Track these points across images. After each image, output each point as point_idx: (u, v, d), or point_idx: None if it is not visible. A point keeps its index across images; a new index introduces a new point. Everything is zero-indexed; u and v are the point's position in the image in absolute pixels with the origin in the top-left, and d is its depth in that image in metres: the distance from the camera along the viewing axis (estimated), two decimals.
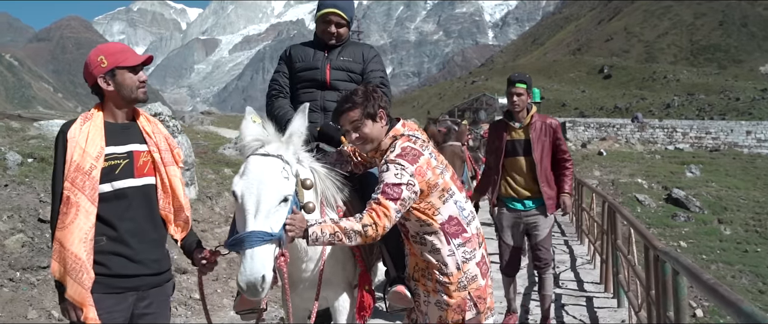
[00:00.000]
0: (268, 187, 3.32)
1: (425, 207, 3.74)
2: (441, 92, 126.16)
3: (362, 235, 3.52)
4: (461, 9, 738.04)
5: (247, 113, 3.68)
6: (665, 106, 74.47)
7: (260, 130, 3.56)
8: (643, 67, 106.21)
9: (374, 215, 3.55)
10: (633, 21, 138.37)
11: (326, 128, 4.72)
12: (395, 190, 3.55)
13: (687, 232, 21.42)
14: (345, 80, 5.02)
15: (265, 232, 3.22)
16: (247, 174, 3.39)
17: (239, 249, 3.21)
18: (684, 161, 31.38)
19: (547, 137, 6.54)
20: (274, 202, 3.31)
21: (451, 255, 3.80)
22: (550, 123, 6.60)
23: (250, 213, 3.27)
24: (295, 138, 3.65)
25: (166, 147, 3.64)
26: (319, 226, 3.47)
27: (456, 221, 3.82)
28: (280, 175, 3.39)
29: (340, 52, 5.12)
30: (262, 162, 3.43)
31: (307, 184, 3.75)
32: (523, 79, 6.49)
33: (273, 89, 5.17)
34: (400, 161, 3.63)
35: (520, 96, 6.47)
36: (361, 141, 3.83)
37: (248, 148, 3.53)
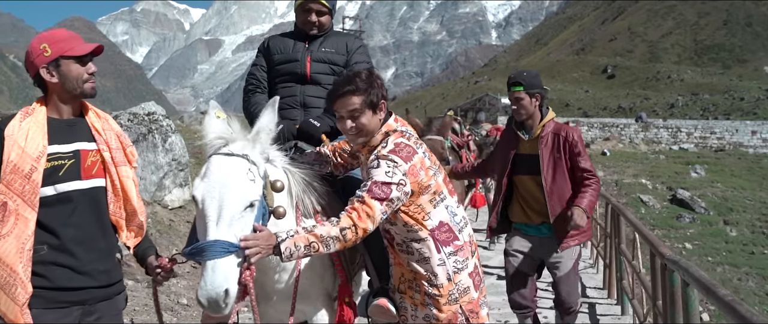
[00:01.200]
0: (231, 191, 2.97)
1: (415, 210, 3.42)
2: (444, 92, 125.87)
3: (341, 240, 3.18)
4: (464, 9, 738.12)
5: (210, 108, 3.32)
6: (669, 106, 74.09)
7: (224, 127, 3.20)
8: (647, 67, 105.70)
9: (354, 216, 3.20)
10: (636, 21, 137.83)
11: (305, 126, 4.38)
12: (384, 190, 3.23)
13: (692, 234, 21.09)
14: (327, 73, 4.65)
15: (228, 242, 2.88)
16: (208, 176, 3.03)
17: (199, 259, 2.87)
18: (688, 161, 31.07)
19: (562, 154, 5.23)
20: (238, 207, 2.96)
21: (442, 265, 3.47)
22: (566, 135, 5.26)
23: (211, 220, 2.93)
24: (262, 135, 3.28)
25: (117, 145, 3.28)
26: (292, 240, 3.10)
27: (447, 228, 3.51)
28: (246, 177, 3.05)
29: (322, 42, 4.74)
30: (225, 162, 3.08)
31: (278, 186, 3.39)
32: (519, 80, 5.31)
33: (250, 84, 4.81)
34: (393, 158, 3.33)
35: (521, 101, 5.28)
36: (355, 132, 3.48)
37: (210, 147, 3.18)
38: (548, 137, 5.30)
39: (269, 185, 3.34)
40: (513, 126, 5.52)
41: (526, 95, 5.29)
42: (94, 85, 3.22)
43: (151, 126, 13.58)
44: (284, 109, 4.57)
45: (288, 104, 4.60)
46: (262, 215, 3.17)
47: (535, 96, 5.30)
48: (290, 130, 4.35)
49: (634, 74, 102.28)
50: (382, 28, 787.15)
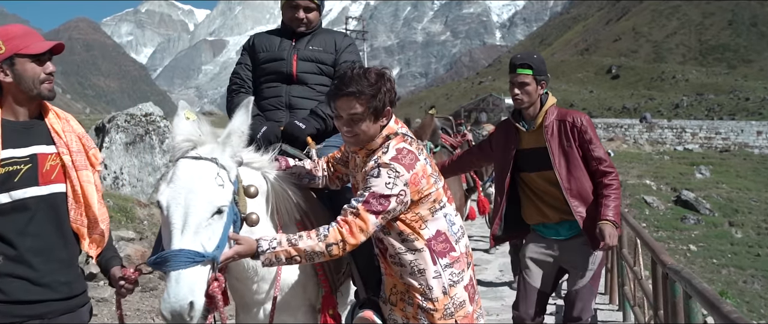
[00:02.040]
0: (197, 197, 2.77)
1: (412, 218, 3.21)
2: (448, 93, 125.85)
3: (326, 255, 3.01)
4: (468, 9, 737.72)
5: (179, 108, 3.10)
6: (674, 107, 73.98)
7: (193, 129, 2.98)
8: (652, 67, 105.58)
9: (345, 230, 3.01)
10: (641, 21, 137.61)
11: (290, 128, 4.15)
12: (382, 203, 3.03)
13: (697, 235, 20.88)
14: (314, 72, 4.41)
15: (194, 251, 2.68)
16: (173, 181, 2.83)
17: (162, 269, 2.67)
18: (693, 162, 30.85)
19: (572, 142, 4.56)
20: (204, 214, 2.76)
21: (437, 277, 3.25)
22: (573, 120, 4.58)
23: (176, 227, 2.73)
24: (233, 138, 3.06)
25: (78, 148, 3.07)
26: (273, 253, 2.95)
27: (444, 237, 3.29)
28: (213, 182, 2.84)
29: (310, 40, 4.49)
30: (192, 166, 2.87)
31: (251, 191, 3.17)
32: (529, 62, 4.62)
33: (234, 84, 4.56)
34: (395, 166, 3.08)
35: (525, 86, 4.59)
36: (351, 137, 3.23)
37: (177, 150, 2.96)
38: (553, 126, 4.61)
39: (242, 190, 3.14)
40: (512, 117, 4.84)
41: (533, 80, 4.62)
42: (52, 87, 3.00)
43: (149, 127, 13.44)
44: (269, 111, 4.38)
45: (273, 105, 4.39)
46: (233, 222, 2.98)
47: (542, 83, 4.66)
48: (274, 132, 4.12)
49: (639, 74, 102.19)
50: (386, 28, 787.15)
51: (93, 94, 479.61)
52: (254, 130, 4.16)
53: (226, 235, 2.90)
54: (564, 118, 4.62)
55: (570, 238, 4.67)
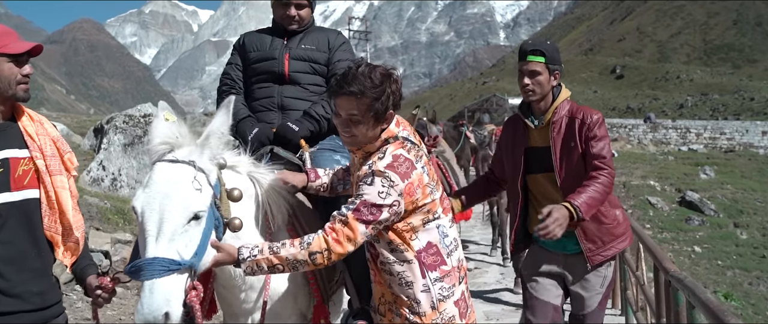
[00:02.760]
0: (173, 202, 2.65)
1: (403, 228, 3.05)
2: (452, 93, 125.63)
3: (309, 264, 2.88)
4: (472, 10, 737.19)
5: (159, 109, 2.98)
6: (678, 107, 73.74)
7: (171, 131, 2.86)
8: (656, 67, 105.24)
9: (331, 239, 2.87)
10: (645, 21, 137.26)
11: (282, 130, 4.01)
12: (373, 212, 2.90)
13: (701, 237, 20.70)
14: (307, 72, 4.27)
15: (168, 259, 2.57)
16: (149, 185, 2.72)
17: (137, 278, 2.56)
18: (698, 162, 30.67)
19: (578, 141, 4.06)
20: (180, 220, 2.65)
21: (426, 291, 3.08)
22: (583, 117, 4.08)
23: (150, 234, 2.61)
24: (212, 140, 2.93)
25: (53, 152, 2.95)
26: (254, 261, 2.85)
27: (435, 250, 3.12)
28: (190, 187, 2.72)
29: (302, 39, 4.35)
30: (168, 170, 2.76)
31: (235, 195, 3.04)
32: (541, 49, 4.13)
33: (224, 84, 4.41)
34: (390, 175, 2.92)
35: (536, 76, 4.10)
36: (348, 137, 3.08)
37: (155, 153, 2.84)
38: (562, 122, 4.13)
39: (224, 194, 3.01)
40: (520, 111, 4.35)
41: (545, 69, 4.12)
42: (28, 88, 2.90)
43: (147, 128, 13.33)
44: (260, 112, 4.24)
45: (264, 106, 4.25)
46: (215, 228, 2.86)
47: (555, 74, 4.16)
48: (266, 133, 4.00)
49: (643, 74, 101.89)
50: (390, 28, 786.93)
51: (97, 95, 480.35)
52: (245, 132, 4.03)
53: (207, 242, 2.78)
54: (575, 114, 4.12)
55: (578, 253, 4.17)
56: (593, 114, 4.11)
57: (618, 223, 4.21)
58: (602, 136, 4.07)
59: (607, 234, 4.15)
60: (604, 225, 4.14)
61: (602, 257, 4.12)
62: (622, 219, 4.27)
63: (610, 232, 4.16)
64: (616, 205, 4.29)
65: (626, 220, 4.28)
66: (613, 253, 4.19)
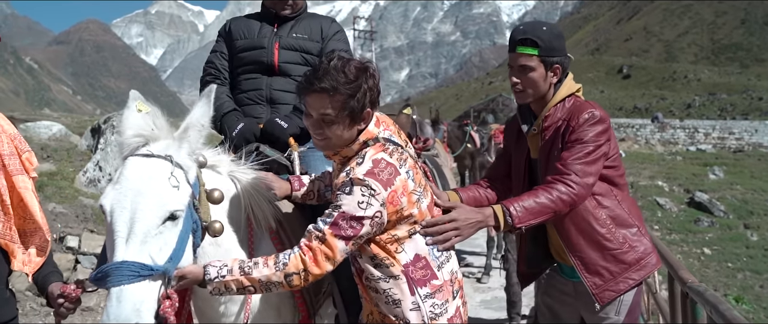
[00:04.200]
0: (146, 200, 2.36)
1: (387, 240, 2.72)
2: (458, 93, 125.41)
3: (285, 286, 2.58)
4: (478, 9, 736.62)
5: (130, 99, 2.65)
6: (686, 106, 73.40)
7: (145, 123, 2.57)
8: (663, 67, 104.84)
9: (308, 259, 2.56)
10: (652, 20, 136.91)
11: (270, 126, 3.70)
12: (353, 226, 2.58)
13: (711, 238, 20.33)
14: (298, 63, 3.93)
15: (139, 264, 2.28)
16: (120, 181, 2.42)
17: (103, 285, 2.27)
18: (706, 163, 30.30)
19: (563, 143, 3.22)
20: (154, 220, 2.36)
21: (416, 309, 2.74)
22: (570, 117, 3.22)
23: (120, 236, 2.32)
24: (191, 133, 2.62)
25: (11, 151, 2.69)
26: (222, 282, 2.54)
27: (424, 263, 2.77)
28: (167, 183, 2.43)
29: (293, 26, 4.02)
30: (141, 165, 2.46)
31: (215, 196, 2.74)
32: (533, 37, 3.23)
33: (207, 74, 4.06)
34: (370, 183, 2.59)
35: (528, 72, 3.27)
36: (321, 140, 2.74)
37: (127, 146, 2.54)
38: (554, 128, 3.29)
39: (204, 195, 2.72)
40: (518, 113, 3.56)
41: (539, 63, 3.25)
42: None
43: None
44: (247, 105, 3.93)
45: (252, 99, 3.94)
46: (193, 232, 2.58)
47: (554, 68, 3.28)
48: (252, 129, 3.70)
49: (650, 74, 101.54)
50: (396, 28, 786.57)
51: (103, 96, 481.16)
52: (229, 127, 3.73)
53: (183, 246, 2.49)
54: (570, 116, 3.24)
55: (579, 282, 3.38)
56: (584, 113, 3.18)
57: (629, 247, 3.27)
58: (583, 139, 3.13)
59: (615, 262, 3.25)
60: (609, 251, 3.25)
61: (613, 293, 3.25)
62: (637, 240, 3.30)
63: (618, 260, 3.25)
64: (627, 222, 3.31)
65: (643, 241, 3.32)
66: (628, 286, 3.27)
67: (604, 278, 3.24)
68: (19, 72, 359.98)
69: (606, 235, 3.24)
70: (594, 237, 3.24)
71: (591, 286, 3.25)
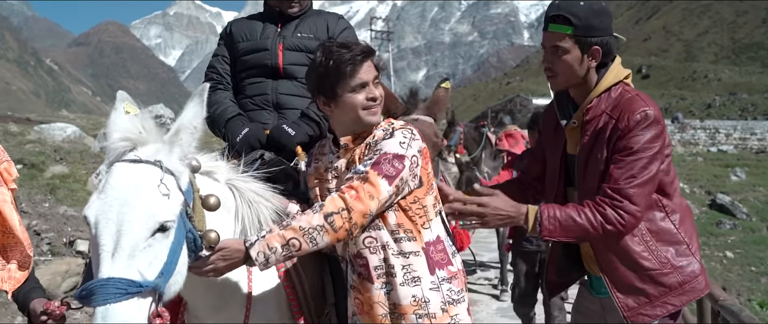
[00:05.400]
0: (134, 210, 2.16)
1: (417, 211, 2.66)
2: (476, 93, 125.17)
3: (329, 230, 2.44)
4: (496, 10, 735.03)
5: (118, 100, 2.45)
6: (706, 106, 72.71)
7: (133, 125, 2.36)
8: (683, 67, 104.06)
9: (349, 197, 2.45)
10: (672, 20, 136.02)
11: (276, 133, 3.47)
12: (394, 165, 2.54)
13: (733, 241, 19.99)
14: (304, 64, 3.58)
15: (127, 280, 2.08)
16: (105, 190, 2.21)
17: (88, 304, 2.07)
18: (728, 164, 29.89)
19: (604, 153, 2.79)
20: (143, 232, 2.15)
21: (436, 289, 2.63)
22: (620, 115, 2.75)
23: (105, 250, 2.12)
24: (183, 136, 2.41)
25: None
26: (264, 241, 2.39)
27: (442, 247, 2.73)
28: (156, 191, 2.23)
29: (298, 25, 3.79)
30: (129, 172, 2.25)
31: (211, 202, 2.52)
32: (567, 13, 2.78)
33: (210, 79, 3.83)
34: (410, 128, 2.69)
35: (561, 54, 2.83)
36: (378, 105, 2.74)
37: (113, 151, 2.33)
38: (598, 122, 2.83)
39: (198, 201, 2.50)
40: (557, 103, 3.11)
41: (574, 44, 2.81)
42: None
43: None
44: (253, 111, 3.71)
45: (257, 104, 3.72)
46: (188, 241, 2.36)
47: (593, 50, 2.81)
48: (257, 135, 3.48)
49: (670, 74, 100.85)
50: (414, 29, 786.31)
51: None
52: (234, 133, 3.53)
53: (175, 259, 2.27)
54: (617, 111, 2.77)
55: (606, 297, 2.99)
56: (636, 112, 2.70)
57: (673, 268, 2.82)
58: (635, 149, 2.68)
59: (653, 284, 2.82)
60: (646, 271, 2.81)
61: (648, 317, 2.82)
62: (683, 260, 2.84)
63: (657, 282, 2.82)
64: (673, 239, 2.85)
65: (692, 261, 2.85)
66: (667, 311, 2.83)
67: (638, 301, 2.84)
68: (40, 73, 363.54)
69: (643, 253, 2.81)
70: (628, 255, 2.82)
71: (622, 307, 2.85)
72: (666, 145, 2.79)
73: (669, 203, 2.87)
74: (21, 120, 19.06)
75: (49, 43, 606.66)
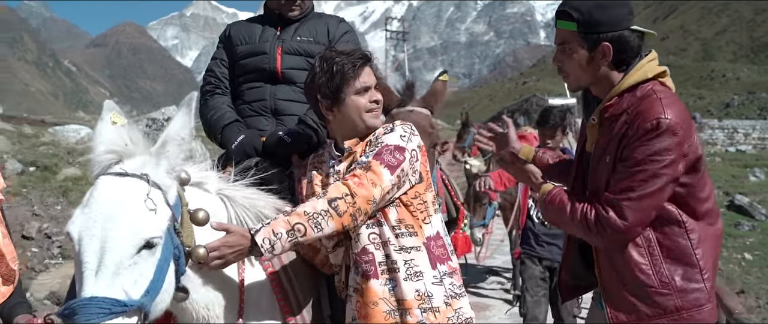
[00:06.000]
0: (119, 226, 2.09)
1: (418, 206, 2.73)
2: (492, 93, 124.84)
3: (334, 214, 2.46)
4: (512, 9, 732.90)
5: (104, 109, 2.39)
6: (725, 106, 71.99)
7: (119, 137, 2.29)
8: (701, 66, 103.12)
9: (352, 183, 2.48)
10: (689, 18, 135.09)
11: (272, 140, 3.38)
12: (396, 156, 2.63)
13: (752, 243, 19.68)
14: (303, 68, 3.54)
15: (111, 300, 2.01)
16: (89, 205, 2.15)
17: (71, 323, 2.00)
18: (747, 164, 29.51)
19: (613, 157, 2.58)
20: (128, 249, 2.08)
21: (438, 283, 2.67)
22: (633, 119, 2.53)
23: (89, 268, 2.05)
24: (170, 147, 2.34)
25: None
26: (269, 228, 2.41)
27: (442, 243, 2.80)
28: (142, 206, 2.16)
29: (297, 28, 3.71)
30: (114, 186, 2.19)
31: (200, 217, 2.44)
32: (569, 8, 2.64)
33: (207, 84, 3.77)
34: (410, 124, 2.82)
35: (566, 50, 2.70)
36: (379, 107, 2.88)
37: (98, 164, 2.27)
38: (617, 121, 2.59)
39: (187, 216, 2.43)
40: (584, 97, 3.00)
41: (577, 41, 2.64)
42: None
43: None
44: (250, 117, 3.64)
45: (255, 110, 3.65)
46: (175, 258, 2.29)
47: (602, 46, 2.60)
48: (253, 143, 3.40)
49: (688, 73, 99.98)
50: (429, 29, 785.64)
51: (139, 97, 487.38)
52: (229, 140, 3.46)
53: (162, 277, 2.20)
54: (636, 112, 2.52)
55: None
56: (647, 121, 2.45)
57: (674, 290, 2.55)
58: (639, 158, 2.46)
59: (647, 302, 2.58)
60: (642, 285, 2.58)
61: None
62: (689, 285, 2.56)
63: (653, 301, 2.58)
64: (685, 259, 2.57)
65: (701, 288, 2.57)
66: None
67: (629, 318, 2.62)
68: (58, 74, 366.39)
69: (642, 265, 2.58)
70: (627, 264, 2.60)
71: (611, 317, 2.67)
72: (684, 157, 2.51)
73: (690, 220, 2.59)
74: (36, 122, 19.16)
75: (67, 45, 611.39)
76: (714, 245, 2.64)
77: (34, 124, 17.88)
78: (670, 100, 2.53)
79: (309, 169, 3.01)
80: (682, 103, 2.58)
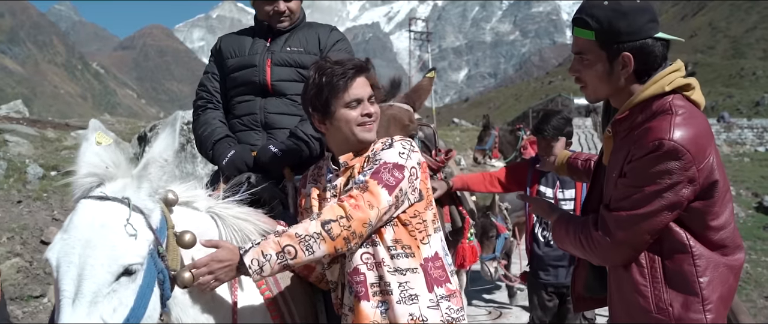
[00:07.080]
0: (97, 252, 2.02)
1: (417, 226, 2.63)
2: (517, 93, 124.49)
3: (326, 237, 2.36)
4: (538, 8, 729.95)
5: (90, 129, 2.32)
6: (754, 104, 71.10)
7: (100, 160, 2.22)
8: (730, 64, 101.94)
9: (348, 205, 2.38)
10: (718, 16, 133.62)
11: (263, 154, 3.32)
12: (394, 175, 2.53)
13: None
14: (293, 80, 3.53)
15: None
16: (68, 230, 2.08)
17: None
18: None
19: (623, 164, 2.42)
20: (105, 277, 2.01)
21: (435, 308, 2.55)
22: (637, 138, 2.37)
23: (66, 296, 1.98)
24: (152, 169, 2.28)
25: None
26: (259, 248, 2.32)
27: (441, 264, 2.68)
28: (122, 232, 2.08)
29: (288, 39, 3.65)
30: (94, 210, 2.11)
31: (186, 239, 2.36)
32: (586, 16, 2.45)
33: (200, 98, 3.74)
34: (409, 141, 2.71)
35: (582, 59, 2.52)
36: (373, 121, 2.73)
37: (79, 187, 2.20)
38: (630, 135, 2.44)
39: (172, 239, 2.34)
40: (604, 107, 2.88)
41: (597, 51, 2.46)
42: None
43: (190, 135, 12.98)
44: (241, 131, 3.59)
45: (246, 124, 3.59)
46: (160, 282, 2.22)
47: (623, 56, 2.41)
48: (243, 158, 3.35)
49: (716, 71, 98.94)
50: (455, 29, 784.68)
51: (166, 99, 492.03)
52: (220, 156, 3.39)
53: (144, 304, 2.12)
54: (645, 128, 2.37)
55: None
56: (653, 137, 2.30)
57: (669, 318, 2.38)
58: (638, 178, 2.34)
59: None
60: (638, 307, 2.44)
61: None
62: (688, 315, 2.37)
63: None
64: (687, 286, 2.38)
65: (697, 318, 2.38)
66: None
67: None
68: (87, 77, 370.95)
69: (641, 286, 2.43)
70: (628, 283, 2.47)
71: None
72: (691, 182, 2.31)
73: (698, 246, 2.40)
74: (60, 125, 19.26)
75: (96, 47, 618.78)
76: (725, 277, 2.43)
77: (58, 128, 17.99)
78: (683, 120, 2.33)
79: (308, 181, 2.94)
80: (701, 125, 2.38)
